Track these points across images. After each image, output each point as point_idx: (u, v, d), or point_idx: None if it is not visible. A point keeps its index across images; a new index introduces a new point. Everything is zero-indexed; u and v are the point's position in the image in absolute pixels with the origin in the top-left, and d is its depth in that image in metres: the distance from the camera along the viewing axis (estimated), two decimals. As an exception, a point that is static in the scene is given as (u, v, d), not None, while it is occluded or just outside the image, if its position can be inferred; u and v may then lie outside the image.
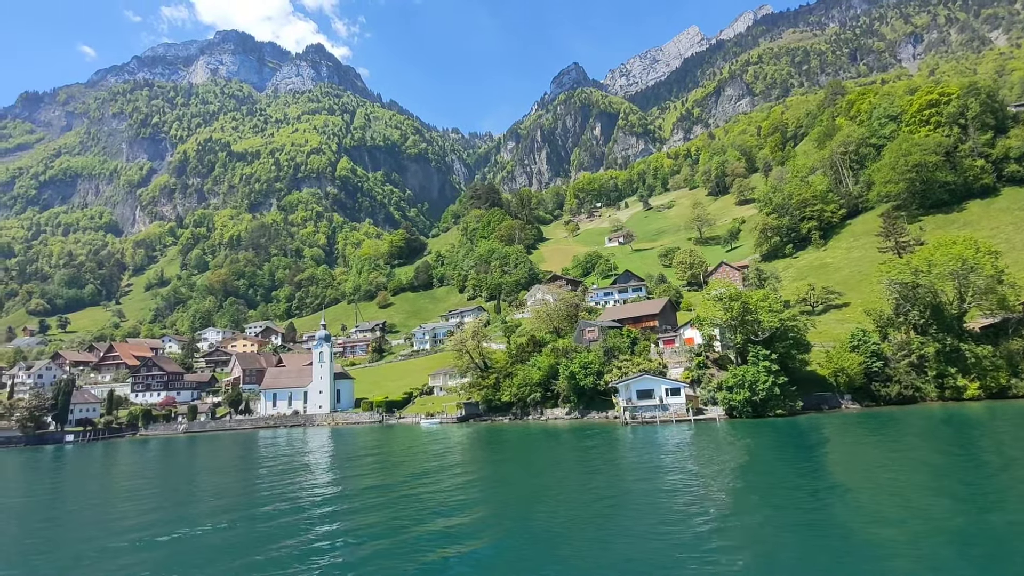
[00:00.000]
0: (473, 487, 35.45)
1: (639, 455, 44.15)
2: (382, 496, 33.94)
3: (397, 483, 38.86)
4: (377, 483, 39.32)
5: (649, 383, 62.17)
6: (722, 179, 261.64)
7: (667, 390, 61.25)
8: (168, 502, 36.77)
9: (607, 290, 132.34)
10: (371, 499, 33.15)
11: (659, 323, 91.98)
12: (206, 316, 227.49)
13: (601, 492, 30.66)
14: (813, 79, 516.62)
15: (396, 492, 34.87)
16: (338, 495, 35.63)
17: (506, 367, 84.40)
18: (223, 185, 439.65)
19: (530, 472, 40.28)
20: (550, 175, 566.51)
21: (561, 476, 37.31)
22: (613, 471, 37.98)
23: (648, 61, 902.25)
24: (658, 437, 52.07)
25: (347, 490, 37.26)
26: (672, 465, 38.34)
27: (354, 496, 34.76)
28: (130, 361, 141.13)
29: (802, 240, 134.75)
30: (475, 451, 54.54)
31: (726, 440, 48.63)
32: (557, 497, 30.15)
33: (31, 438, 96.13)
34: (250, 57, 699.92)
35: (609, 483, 33.37)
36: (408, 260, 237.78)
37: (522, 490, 33.76)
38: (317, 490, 37.25)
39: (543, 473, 39.26)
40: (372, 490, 36.29)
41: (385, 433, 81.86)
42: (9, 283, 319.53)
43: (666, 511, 25.16)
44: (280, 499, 34.01)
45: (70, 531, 29.65)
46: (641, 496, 29.13)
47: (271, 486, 39.65)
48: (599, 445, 51.47)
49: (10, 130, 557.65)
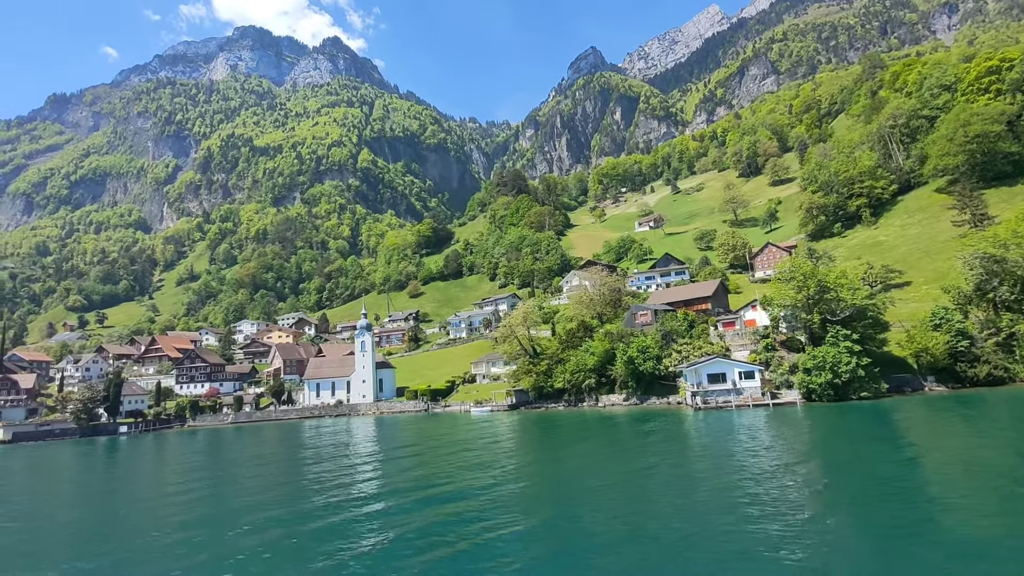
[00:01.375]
0: (550, 478, 33.48)
1: (723, 442, 41.65)
2: (454, 484, 32.33)
3: (470, 469, 37.32)
4: (449, 471, 37.75)
5: (721, 366, 59.54)
6: (754, 159, 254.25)
7: (740, 373, 58.58)
8: (264, 490, 35.72)
9: (648, 274, 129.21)
10: (447, 488, 31.49)
11: (712, 306, 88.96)
12: (239, 309, 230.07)
13: (698, 483, 28.27)
14: (842, 55, 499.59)
15: (472, 481, 33.17)
16: (423, 486, 33.81)
17: (557, 353, 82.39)
18: (247, 180, 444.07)
19: (609, 461, 37.73)
20: (571, 162, 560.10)
21: (643, 465, 34.99)
22: (706, 461, 35.13)
23: (667, 43, 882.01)
24: (737, 423, 49.61)
25: (429, 481, 35.63)
26: (764, 452, 35.80)
27: (438, 488, 33.12)
28: (172, 353, 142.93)
29: (850, 218, 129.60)
30: (538, 439, 52.71)
31: (815, 425, 45.98)
32: (655, 491, 27.85)
33: (85, 430, 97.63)
34: (268, 52, 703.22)
35: (709, 473, 30.67)
36: (436, 249, 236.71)
37: (608, 480, 31.44)
38: (397, 482, 35.53)
39: (626, 462, 36.64)
40: (444, 479, 34.70)
41: (434, 422, 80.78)
42: (47, 280, 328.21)
43: (773, 502, 22.88)
44: (367, 492, 32.43)
45: (187, 517, 28.74)
46: (744, 487, 26.40)
47: (350, 477, 38.26)
48: (672, 432, 49.21)
49: (40, 132, 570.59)
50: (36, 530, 29.00)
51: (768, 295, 65.98)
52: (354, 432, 74.34)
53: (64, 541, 26.64)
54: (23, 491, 46.35)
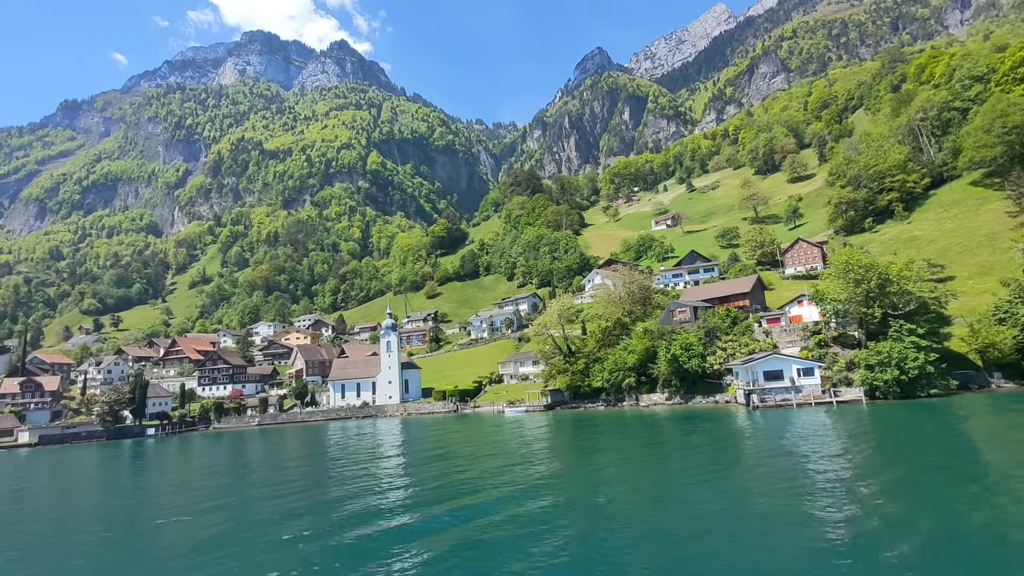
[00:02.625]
0: (610, 484, 30.70)
1: (796, 443, 39.10)
2: (510, 488, 30.29)
3: (510, 468, 35.35)
4: (502, 474, 35.76)
5: (778, 363, 57.27)
6: (770, 157, 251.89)
7: (799, 370, 56.29)
8: (321, 497, 33.94)
9: (675, 271, 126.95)
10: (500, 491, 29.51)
11: (750, 302, 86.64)
12: (254, 311, 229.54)
13: (785, 491, 25.25)
14: (853, 52, 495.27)
15: (520, 483, 31.21)
16: (470, 489, 31.75)
17: (593, 351, 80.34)
18: (257, 183, 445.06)
19: (670, 464, 35.17)
20: (579, 162, 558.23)
21: (706, 469, 32.24)
22: (786, 465, 31.14)
23: (674, 42, 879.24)
24: (802, 422, 47.37)
25: (475, 485, 33.66)
26: (849, 455, 33.16)
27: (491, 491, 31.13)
28: (192, 355, 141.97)
29: (880, 213, 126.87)
30: (584, 442, 49.97)
31: (892, 424, 43.68)
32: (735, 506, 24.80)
33: (111, 432, 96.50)
34: (276, 56, 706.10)
35: (798, 482, 26.77)
36: (450, 250, 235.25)
37: (678, 491, 28.06)
38: (445, 485, 33.35)
39: (693, 470, 33.03)
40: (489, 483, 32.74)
41: (466, 423, 78.83)
42: (61, 284, 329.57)
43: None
44: (416, 501, 29.88)
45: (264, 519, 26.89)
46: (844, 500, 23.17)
47: (401, 480, 36.32)
48: (731, 433, 46.98)
49: (52, 138, 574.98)
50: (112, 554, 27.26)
51: (820, 290, 63.64)
52: (385, 434, 72.43)
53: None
54: (69, 499, 44.77)
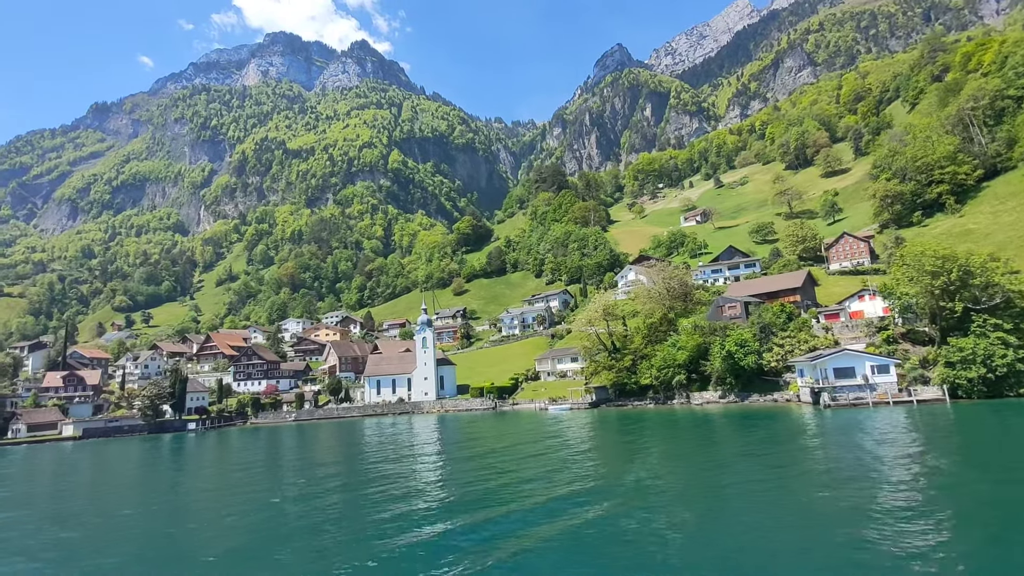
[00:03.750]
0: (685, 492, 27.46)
1: (882, 449, 36.60)
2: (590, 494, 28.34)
3: (559, 471, 33.38)
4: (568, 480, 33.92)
5: (849, 360, 54.47)
6: (802, 151, 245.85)
7: (872, 367, 53.45)
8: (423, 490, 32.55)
9: (714, 267, 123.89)
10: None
11: (800, 298, 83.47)
12: (282, 308, 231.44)
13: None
14: (882, 44, 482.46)
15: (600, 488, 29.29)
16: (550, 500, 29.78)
17: (640, 348, 78.08)
18: (281, 182, 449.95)
19: (736, 468, 32.30)
20: (600, 159, 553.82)
21: (779, 475, 29.34)
22: (865, 476, 26.87)
23: (695, 38, 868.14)
24: (878, 422, 44.66)
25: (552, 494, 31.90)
26: (938, 459, 30.58)
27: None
28: (226, 351, 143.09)
29: (929, 206, 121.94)
30: (641, 443, 47.23)
31: (982, 426, 40.81)
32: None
33: (152, 426, 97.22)
34: (298, 57, 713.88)
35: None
36: (476, 247, 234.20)
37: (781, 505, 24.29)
38: (493, 488, 30.99)
39: (759, 475, 29.76)
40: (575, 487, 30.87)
41: (507, 420, 77.14)
42: (93, 282, 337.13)
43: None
44: (465, 501, 28.17)
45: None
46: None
47: (446, 483, 34.31)
48: (796, 433, 44.45)
49: (83, 139, 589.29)
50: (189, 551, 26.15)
51: (887, 284, 60.58)
52: (424, 432, 71.02)
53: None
54: (138, 494, 44.18)
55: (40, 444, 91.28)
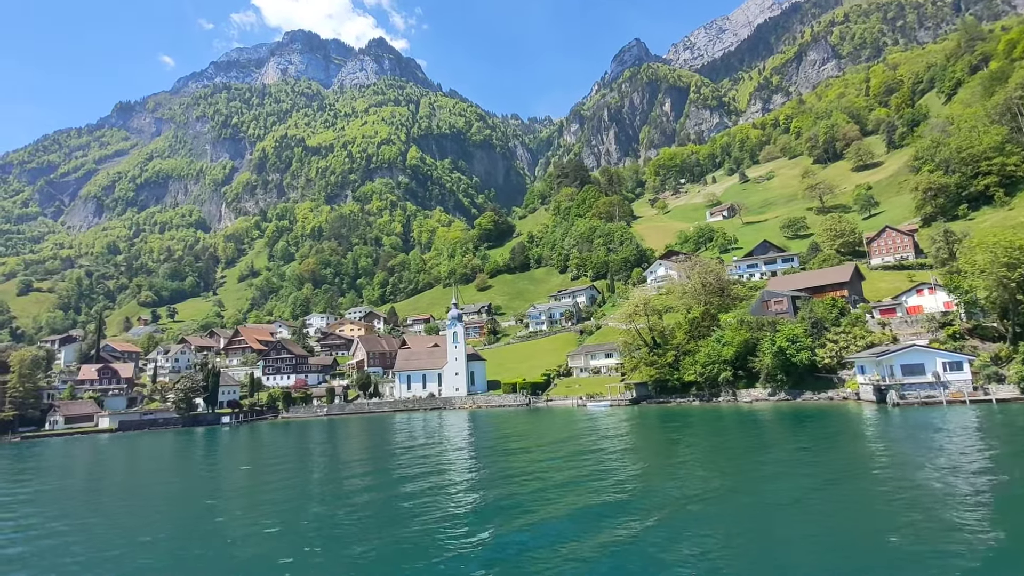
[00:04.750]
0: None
1: (961, 453, 33.75)
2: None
3: (607, 475, 31.52)
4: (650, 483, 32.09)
5: (919, 356, 51.82)
6: (831, 145, 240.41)
7: (944, 364, 50.76)
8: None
9: (749, 262, 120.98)
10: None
11: (848, 292, 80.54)
12: (305, 303, 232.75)
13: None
14: (910, 35, 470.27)
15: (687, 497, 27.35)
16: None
17: (682, 343, 75.93)
18: (300, 179, 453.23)
19: (805, 472, 29.84)
20: (619, 155, 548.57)
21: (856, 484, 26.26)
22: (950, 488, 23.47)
23: (714, 31, 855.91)
24: (954, 422, 42.11)
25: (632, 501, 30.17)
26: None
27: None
28: (255, 345, 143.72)
29: (975, 199, 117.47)
30: (690, 443, 44.30)
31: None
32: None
33: (186, 419, 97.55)
34: (316, 55, 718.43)
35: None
36: (497, 242, 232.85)
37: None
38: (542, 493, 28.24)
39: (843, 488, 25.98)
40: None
41: (542, 417, 75.34)
42: (119, 278, 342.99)
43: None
44: (507, 507, 25.87)
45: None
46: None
47: (486, 486, 32.42)
48: (861, 434, 41.95)
49: (108, 138, 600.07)
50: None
51: (951, 278, 57.68)
52: (458, 428, 69.50)
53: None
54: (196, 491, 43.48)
55: (78, 436, 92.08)
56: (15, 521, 29.52)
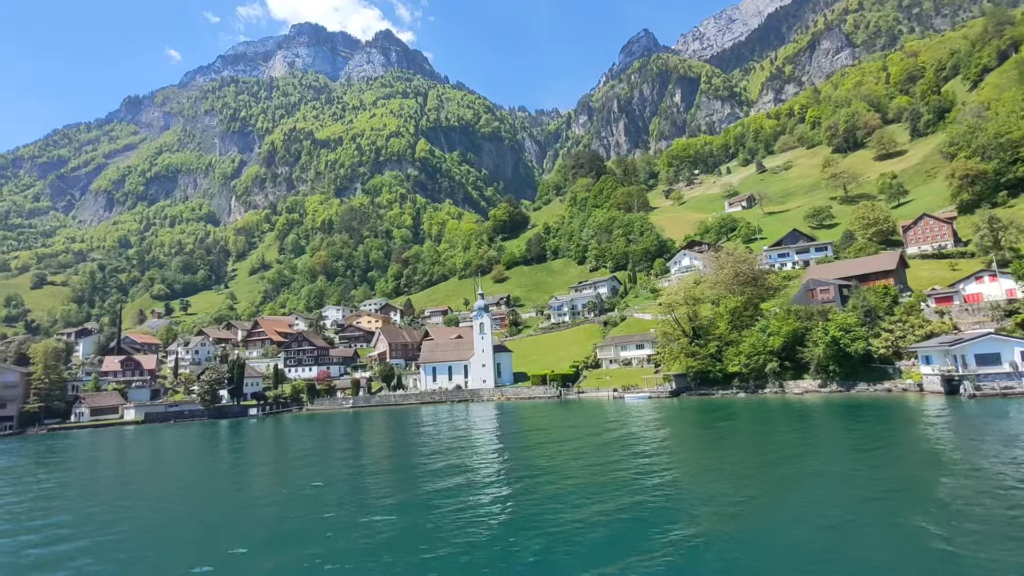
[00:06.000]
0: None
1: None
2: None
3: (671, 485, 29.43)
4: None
5: (994, 345, 49.35)
6: (851, 134, 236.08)
7: (1023, 354, 48.28)
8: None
9: (780, 251, 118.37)
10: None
11: (894, 280, 77.93)
12: (319, 296, 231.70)
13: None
14: (927, 23, 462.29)
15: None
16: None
17: (725, 334, 73.72)
18: (310, 172, 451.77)
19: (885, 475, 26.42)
20: (629, 147, 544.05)
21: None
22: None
23: (724, 22, 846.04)
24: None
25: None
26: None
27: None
28: (275, 337, 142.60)
29: (1015, 186, 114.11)
30: (752, 440, 42.02)
31: None
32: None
33: (212, 411, 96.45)
34: (323, 48, 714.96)
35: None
36: (512, 234, 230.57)
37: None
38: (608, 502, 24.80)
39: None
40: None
41: (576, 410, 73.02)
42: (131, 271, 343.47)
43: None
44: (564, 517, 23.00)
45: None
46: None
47: (535, 489, 30.53)
48: (934, 427, 39.57)
49: (117, 132, 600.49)
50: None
51: (1021, 263, 55.05)
52: (490, 421, 67.38)
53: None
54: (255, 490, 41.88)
55: (104, 428, 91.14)
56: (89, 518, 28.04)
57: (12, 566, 20.43)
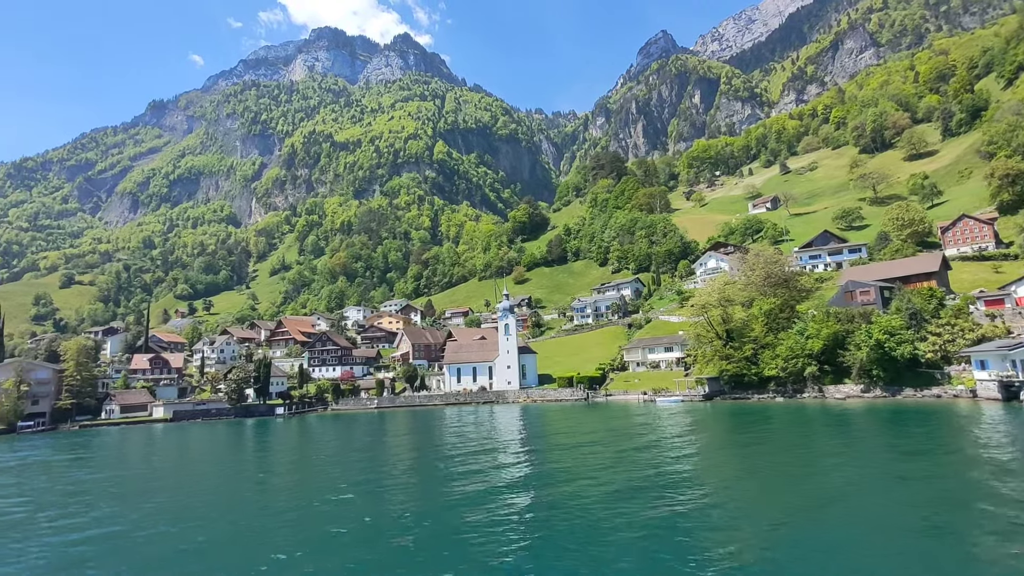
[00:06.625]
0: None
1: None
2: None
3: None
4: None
5: (1059, 348, 47.16)
6: (879, 134, 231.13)
7: (1090, 357, 46.03)
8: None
9: (811, 253, 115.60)
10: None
11: (937, 283, 75.26)
12: (339, 296, 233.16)
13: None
14: (954, 20, 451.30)
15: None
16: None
17: (761, 336, 71.82)
18: (329, 174, 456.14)
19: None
20: (647, 148, 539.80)
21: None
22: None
23: (743, 22, 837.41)
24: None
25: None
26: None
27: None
28: (298, 337, 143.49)
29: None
30: (804, 450, 40.95)
31: None
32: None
33: (238, 410, 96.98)
34: (343, 52, 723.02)
35: None
36: (531, 235, 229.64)
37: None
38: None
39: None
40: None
41: (607, 413, 71.52)
42: (155, 271, 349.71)
43: None
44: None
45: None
46: None
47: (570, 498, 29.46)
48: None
49: (142, 136, 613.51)
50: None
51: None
52: (516, 422, 66.17)
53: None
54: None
55: (133, 425, 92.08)
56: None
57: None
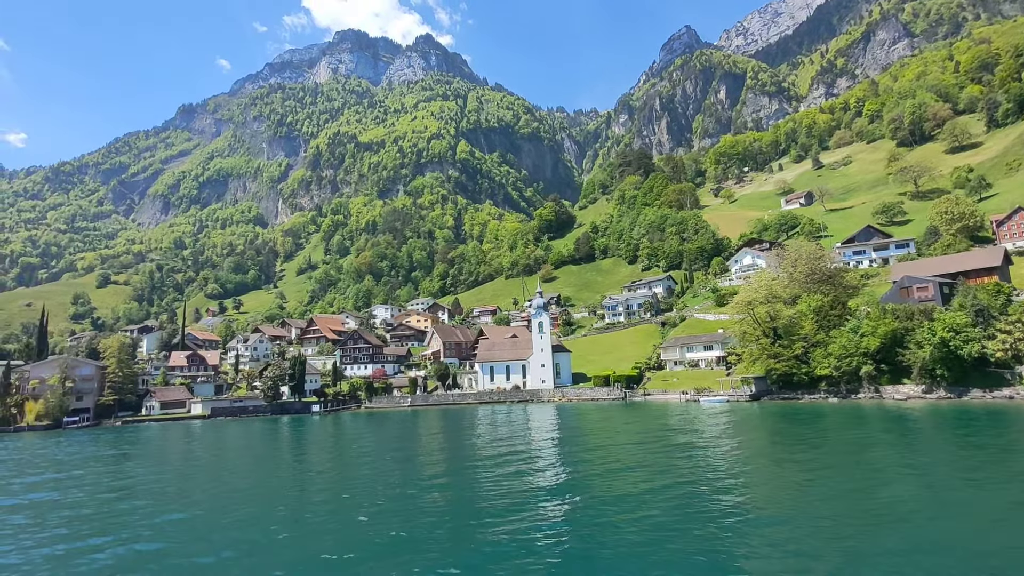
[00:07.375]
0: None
1: None
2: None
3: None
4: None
5: None
6: (918, 126, 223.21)
7: None
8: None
9: (856, 248, 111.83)
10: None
11: (999, 278, 71.51)
12: (366, 295, 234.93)
13: None
14: (993, 9, 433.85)
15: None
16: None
17: (811, 334, 69.14)
18: (353, 174, 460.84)
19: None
20: (671, 145, 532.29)
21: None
22: None
23: (769, 15, 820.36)
24: None
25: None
26: None
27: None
28: (329, 335, 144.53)
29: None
30: (880, 459, 38.84)
31: None
32: None
33: (275, 407, 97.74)
34: (366, 53, 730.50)
35: None
36: (558, 233, 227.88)
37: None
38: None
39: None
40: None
41: (647, 413, 69.16)
42: (187, 271, 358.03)
43: None
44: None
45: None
46: None
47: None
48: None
49: (173, 139, 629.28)
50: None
51: None
52: (553, 423, 64.28)
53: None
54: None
55: (173, 422, 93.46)
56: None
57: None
